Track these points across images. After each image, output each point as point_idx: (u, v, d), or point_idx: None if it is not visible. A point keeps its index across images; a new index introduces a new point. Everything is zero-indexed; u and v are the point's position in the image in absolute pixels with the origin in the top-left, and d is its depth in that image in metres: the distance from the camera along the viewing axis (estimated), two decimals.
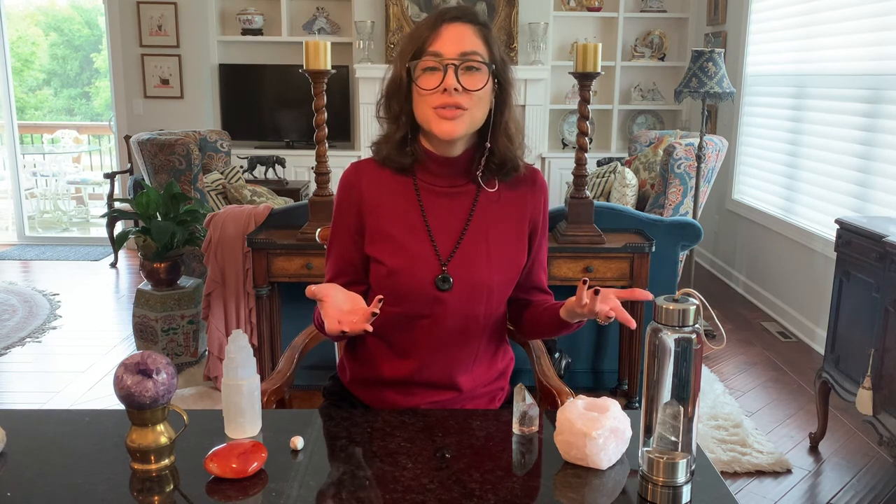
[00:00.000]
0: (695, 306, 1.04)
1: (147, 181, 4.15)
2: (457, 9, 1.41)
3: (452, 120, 1.36)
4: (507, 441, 1.25)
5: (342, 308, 1.23)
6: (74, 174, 7.86)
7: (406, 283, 1.41)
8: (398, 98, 1.42)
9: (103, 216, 6.10)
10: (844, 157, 3.76)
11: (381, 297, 1.24)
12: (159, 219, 3.39)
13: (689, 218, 3.25)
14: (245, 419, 1.22)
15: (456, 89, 1.34)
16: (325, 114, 2.73)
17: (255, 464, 1.12)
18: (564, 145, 6.04)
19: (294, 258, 2.72)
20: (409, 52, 1.39)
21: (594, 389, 3.07)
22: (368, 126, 5.53)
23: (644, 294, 1.25)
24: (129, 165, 5.64)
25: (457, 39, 1.36)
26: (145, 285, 3.50)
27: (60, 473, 1.13)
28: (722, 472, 2.63)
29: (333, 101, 5.17)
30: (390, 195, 1.46)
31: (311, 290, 1.23)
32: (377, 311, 1.21)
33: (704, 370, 3.53)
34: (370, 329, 1.21)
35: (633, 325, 1.24)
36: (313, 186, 2.95)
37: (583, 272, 2.76)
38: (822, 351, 3.47)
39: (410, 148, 1.43)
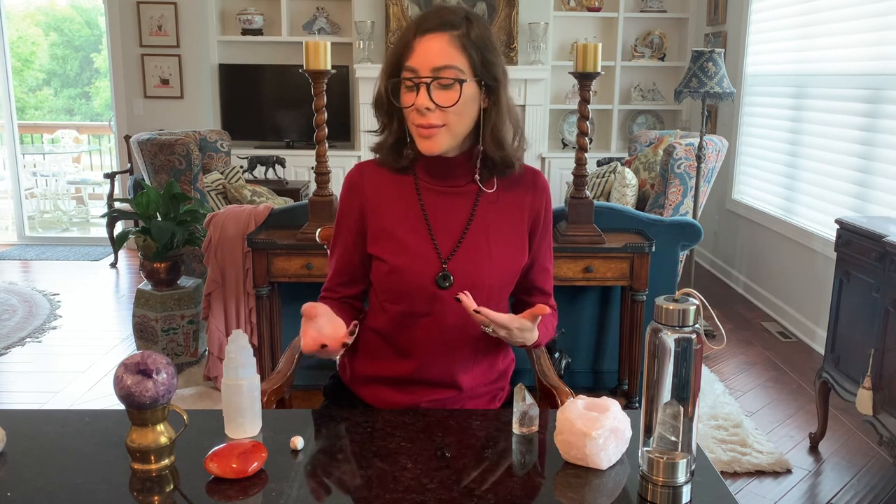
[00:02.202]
0: (695, 306, 1.04)
1: (147, 181, 4.15)
2: (435, 15, 1.37)
3: (430, 139, 1.37)
4: (507, 441, 1.25)
5: (322, 331, 1.27)
6: (74, 174, 7.86)
7: (407, 280, 1.42)
8: (383, 110, 1.44)
9: (103, 216, 6.10)
10: (844, 157, 3.76)
11: (356, 322, 1.41)
12: (159, 219, 3.39)
13: (689, 218, 3.25)
14: (245, 419, 1.23)
15: (428, 108, 1.34)
16: (325, 114, 2.73)
17: (255, 464, 1.12)
18: (564, 145, 6.04)
19: (294, 258, 2.72)
20: (388, 69, 1.40)
21: (594, 389, 3.06)
22: (368, 126, 5.52)
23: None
24: (129, 165, 5.64)
25: (430, 54, 1.34)
26: (145, 285, 3.50)
27: (60, 473, 1.13)
28: (722, 472, 2.63)
29: (333, 101, 5.17)
30: (392, 194, 1.47)
31: (306, 307, 1.27)
32: (349, 341, 1.30)
33: (704, 370, 3.53)
34: (340, 352, 1.30)
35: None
36: (313, 186, 2.95)
37: (583, 272, 2.76)
38: (822, 351, 3.47)
39: (408, 150, 1.45)
